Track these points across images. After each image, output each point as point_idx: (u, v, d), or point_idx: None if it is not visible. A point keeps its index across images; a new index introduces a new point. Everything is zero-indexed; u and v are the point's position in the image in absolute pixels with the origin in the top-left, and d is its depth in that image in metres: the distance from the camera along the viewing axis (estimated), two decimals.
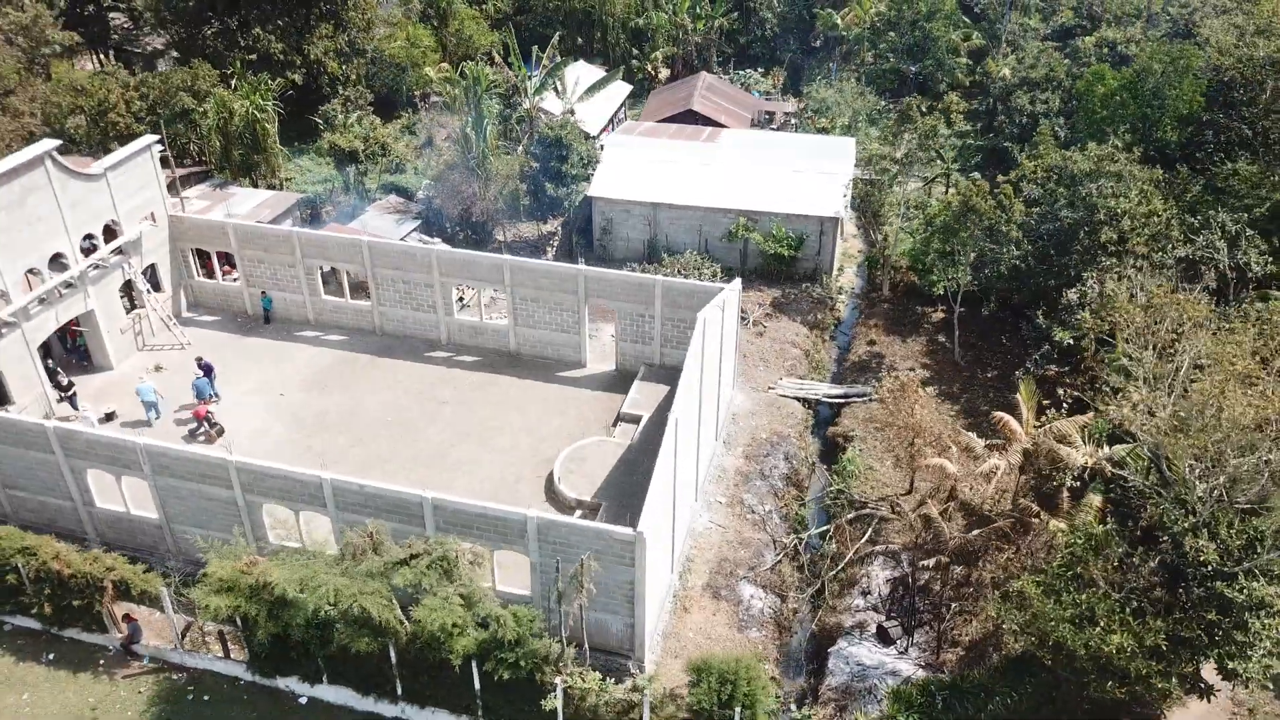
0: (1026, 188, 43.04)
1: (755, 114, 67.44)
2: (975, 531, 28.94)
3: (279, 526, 30.86)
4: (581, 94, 55.85)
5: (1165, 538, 25.79)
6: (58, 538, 33.30)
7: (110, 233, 41.17)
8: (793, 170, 50.90)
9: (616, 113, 65.76)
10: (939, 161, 53.37)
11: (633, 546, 27.15)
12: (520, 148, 50.17)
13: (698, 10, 71.77)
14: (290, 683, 29.30)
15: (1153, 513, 26.09)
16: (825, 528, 35.68)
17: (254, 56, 57.35)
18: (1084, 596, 25.03)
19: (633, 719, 26.29)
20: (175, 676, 29.97)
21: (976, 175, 49.48)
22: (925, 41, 66.26)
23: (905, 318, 47.64)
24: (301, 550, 27.03)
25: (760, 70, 74.19)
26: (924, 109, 46.87)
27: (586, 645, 27.57)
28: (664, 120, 60.38)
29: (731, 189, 50.01)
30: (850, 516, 34.60)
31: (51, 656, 30.49)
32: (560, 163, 48.42)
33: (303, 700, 29.32)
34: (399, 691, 28.33)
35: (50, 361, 40.26)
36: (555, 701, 25.74)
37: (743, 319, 46.69)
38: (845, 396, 42.47)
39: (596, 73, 62.47)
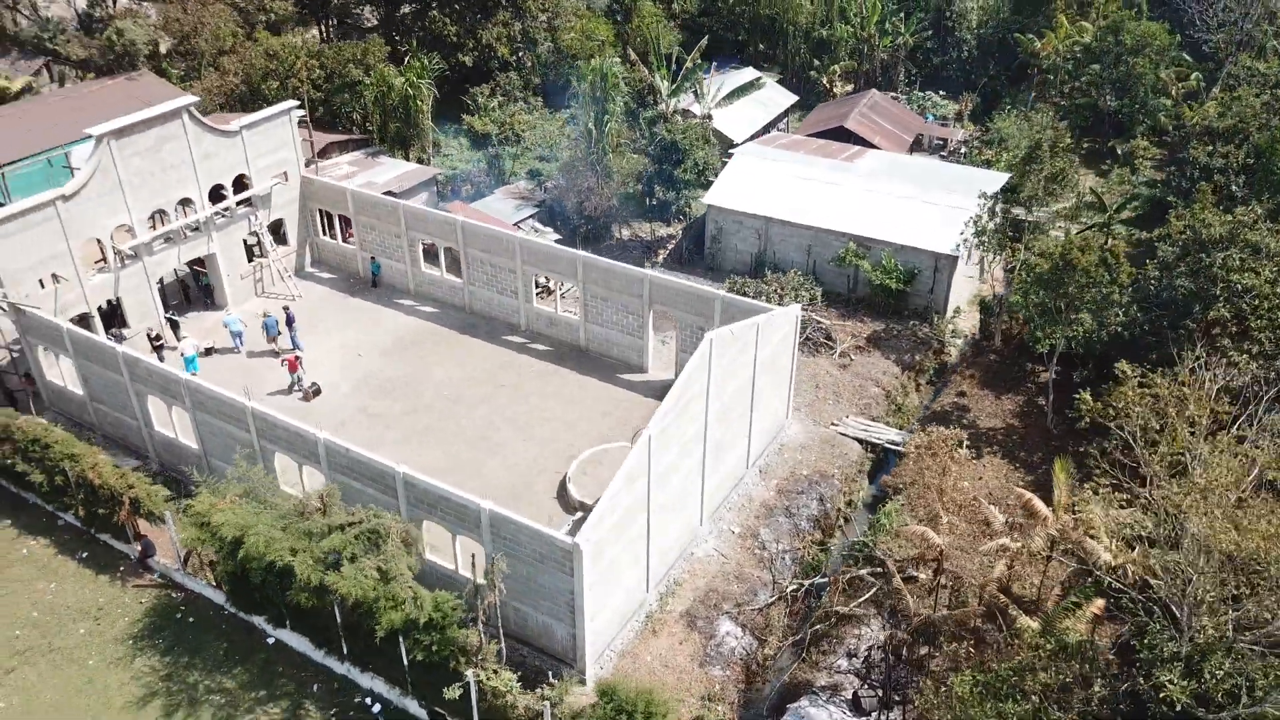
0: (1163, 249, 38.37)
1: (927, 139, 64.03)
2: (943, 612, 26.26)
3: (287, 475, 32.84)
4: (720, 100, 55.04)
5: (1139, 663, 22.45)
6: (126, 453, 37.37)
7: (241, 185, 45.03)
8: (922, 201, 47.90)
9: (776, 122, 64.38)
10: (1100, 208, 48.49)
11: (571, 556, 26.76)
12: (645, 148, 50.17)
13: (886, 26, 68.79)
14: (261, 621, 31.14)
15: (1129, 633, 22.71)
16: (824, 578, 33.55)
17: (433, 36, 60.74)
18: (1018, 707, 22.20)
19: None
20: (174, 595, 32.59)
21: (1120, 229, 44.49)
22: (1129, 78, 60.20)
23: (1009, 372, 43.76)
24: (259, 499, 28.53)
25: (942, 94, 70.10)
26: (1060, 147, 42.55)
27: (502, 642, 27.43)
28: (814, 135, 58.55)
29: (848, 212, 47.77)
30: (850, 573, 32.32)
31: (84, 555, 33.99)
32: (673, 167, 48.01)
33: (270, 640, 31.07)
34: (344, 651, 29.45)
35: (172, 311, 44.28)
36: (455, 692, 25.87)
37: (830, 348, 44.65)
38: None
39: (750, 79, 61.12)
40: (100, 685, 29.65)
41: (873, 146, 56.91)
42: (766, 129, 62.93)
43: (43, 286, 38.55)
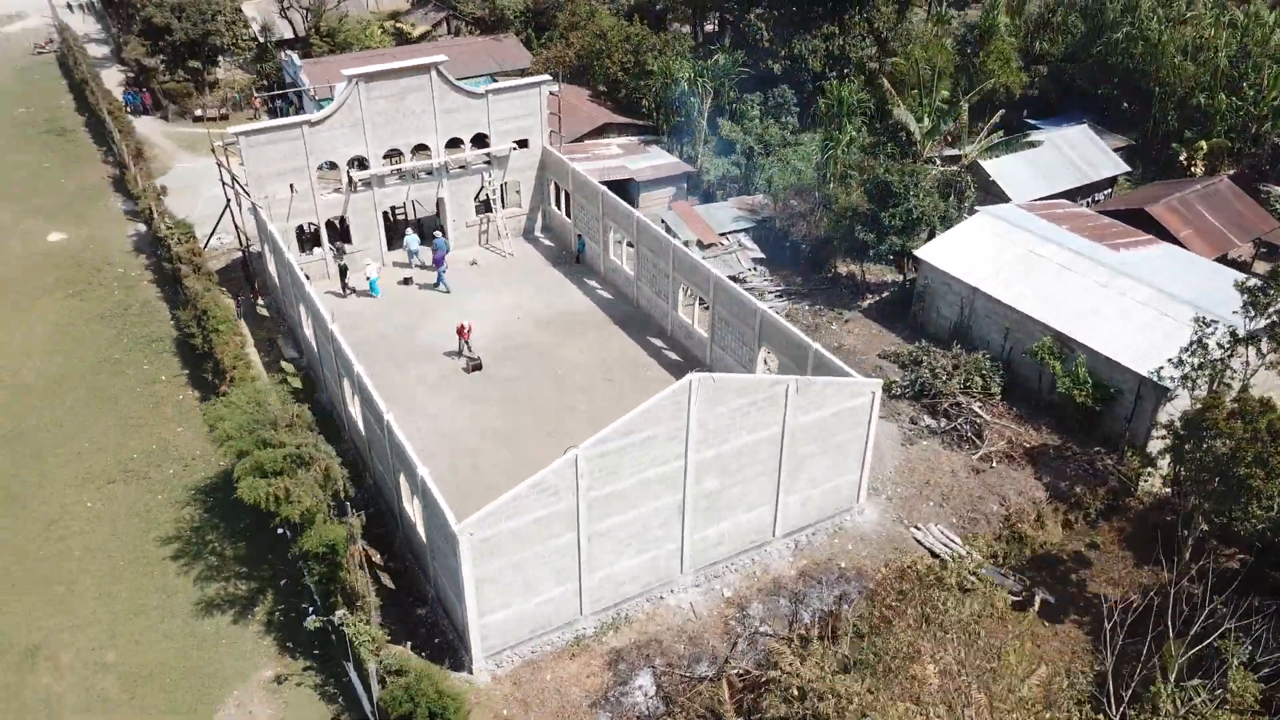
0: None
1: None
2: None
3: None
4: (982, 150, 49.03)
5: None
6: (296, 346, 43.71)
7: (481, 143, 49.50)
8: (1161, 310, 39.43)
9: (1094, 189, 55.97)
10: None
11: (455, 541, 27.14)
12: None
13: None
14: None
15: None
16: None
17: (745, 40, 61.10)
18: None
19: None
20: None
21: None
22: None
23: (1176, 538, 34.91)
24: (256, 401, 32.06)
25: None
26: None
27: (372, 597, 28.47)
28: (1110, 212, 50.16)
29: (1061, 302, 40.72)
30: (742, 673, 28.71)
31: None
32: (881, 209, 44.25)
33: (280, 531, 35.08)
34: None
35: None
36: (314, 624, 27.69)
37: (974, 446, 38.92)
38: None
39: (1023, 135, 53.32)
40: (153, 517, 35.73)
41: (1174, 241, 47.52)
42: (1073, 195, 54.98)
43: (292, 190, 45.88)
